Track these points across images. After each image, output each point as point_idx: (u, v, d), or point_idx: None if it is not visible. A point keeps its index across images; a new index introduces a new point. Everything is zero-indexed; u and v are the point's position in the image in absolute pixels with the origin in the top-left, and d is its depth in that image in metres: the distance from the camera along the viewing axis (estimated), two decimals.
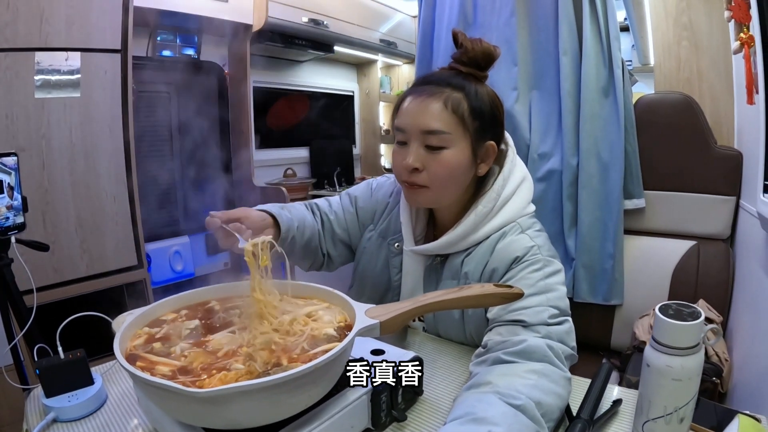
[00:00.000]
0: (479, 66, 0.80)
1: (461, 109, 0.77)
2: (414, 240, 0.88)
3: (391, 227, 0.92)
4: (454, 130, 0.77)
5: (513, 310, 0.71)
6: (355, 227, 0.97)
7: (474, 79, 0.80)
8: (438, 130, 0.76)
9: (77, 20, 1.43)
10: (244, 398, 0.46)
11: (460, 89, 0.78)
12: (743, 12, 1.02)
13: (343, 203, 0.98)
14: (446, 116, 0.76)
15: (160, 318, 0.66)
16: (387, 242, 0.92)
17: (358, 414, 0.59)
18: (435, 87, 0.78)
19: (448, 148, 0.77)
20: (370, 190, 0.99)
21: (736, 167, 1.30)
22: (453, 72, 0.81)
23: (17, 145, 1.32)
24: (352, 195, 0.99)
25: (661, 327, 0.58)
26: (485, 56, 0.79)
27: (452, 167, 0.78)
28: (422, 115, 0.77)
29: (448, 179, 0.79)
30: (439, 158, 0.77)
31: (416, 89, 0.80)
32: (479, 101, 0.78)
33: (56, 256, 1.41)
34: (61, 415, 0.66)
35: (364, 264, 0.95)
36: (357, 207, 0.97)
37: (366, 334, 0.56)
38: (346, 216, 0.96)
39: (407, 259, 0.90)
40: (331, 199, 1.00)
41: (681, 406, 0.58)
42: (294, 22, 2.21)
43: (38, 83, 1.38)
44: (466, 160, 0.78)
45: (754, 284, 1.15)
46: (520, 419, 0.55)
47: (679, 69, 1.50)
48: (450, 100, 0.77)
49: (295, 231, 0.84)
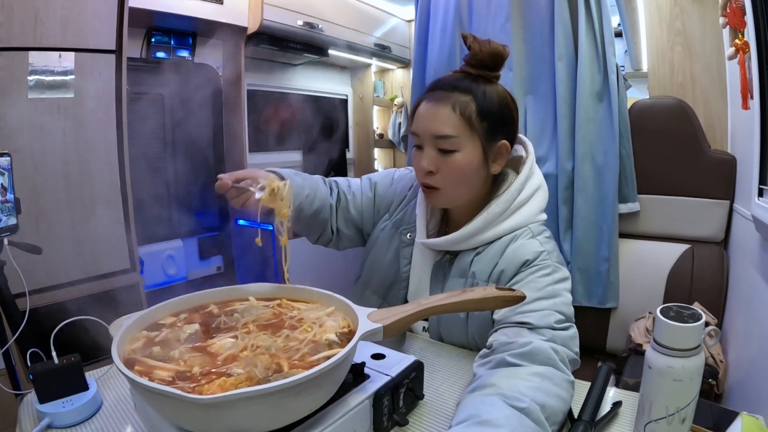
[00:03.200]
0: (488, 67, 0.81)
1: (468, 111, 0.78)
2: (427, 234, 0.90)
3: (405, 218, 0.95)
4: (463, 133, 0.78)
5: (520, 312, 0.71)
6: (370, 212, 0.99)
7: (484, 81, 0.81)
8: (447, 135, 0.78)
9: (72, 21, 1.41)
10: (247, 404, 0.45)
11: (468, 92, 0.79)
12: (738, 18, 1.03)
13: (363, 186, 1.00)
14: (455, 120, 0.78)
15: (158, 322, 0.65)
16: (399, 231, 0.94)
17: (360, 418, 0.58)
18: (444, 92, 0.80)
19: (459, 150, 0.79)
20: (392, 179, 1.01)
21: (730, 171, 1.32)
22: (462, 75, 0.82)
23: (9, 146, 1.30)
24: (373, 180, 1.01)
25: (662, 329, 0.58)
26: (493, 57, 0.80)
27: (463, 169, 0.80)
28: (432, 120, 0.79)
29: (460, 180, 0.81)
30: (450, 161, 0.80)
31: (428, 95, 0.82)
32: (487, 102, 0.79)
33: (48, 259, 1.37)
34: (55, 421, 0.65)
35: (374, 253, 0.98)
36: (376, 193, 0.99)
37: (369, 338, 0.55)
38: (363, 199, 0.99)
39: (417, 252, 0.92)
40: (351, 180, 1.02)
41: (682, 407, 0.58)
42: (289, 25, 2.20)
43: (31, 84, 1.36)
44: (477, 161, 0.80)
45: (748, 286, 1.16)
46: (524, 422, 0.55)
47: (672, 74, 1.52)
48: (458, 104, 0.78)
49: (303, 198, 0.86)
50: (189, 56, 2.11)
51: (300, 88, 2.85)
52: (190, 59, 2.12)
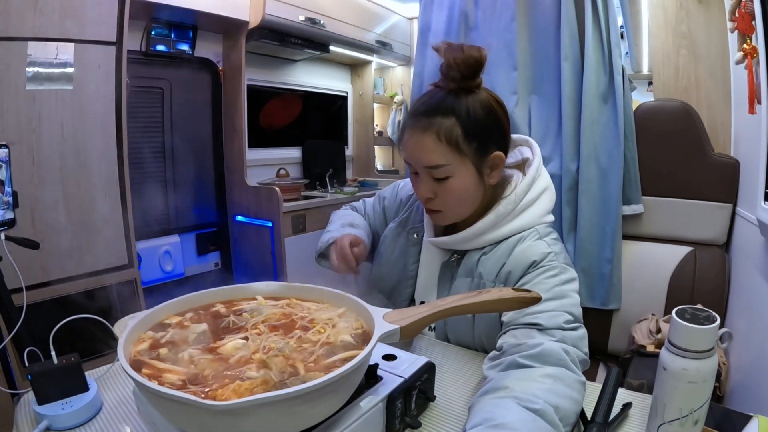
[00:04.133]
0: (467, 77, 0.76)
1: (455, 136, 0.76)
2: (434, 233, 0.90)
3: (411, 217, 0.96)
4: (452, 159, 0.77)
5: (529, 313, 0.71)
6: (382, 226, 1.05)
7: (466, 93, 0.77)
8: (437, 165, 0.77)
9: (71, 11, 1.39)
10: (263, 410, 0.44)
11: (451, 113, 0.76)
12: (746, 23, 1.03)
13: (374, 205, 1.09)
14: (442, 149, 0.76)
15: (163, 321, 0.63)
16: (406, 231, 0.95)
17: (373, 422, 0.57)
18: (426, 119, 0.77)
19: (452, 176, 0.78)
20: (396, 189, 1.05)
21: (733, 175, 1.32)
22: (442, 93, 0.78)
23: (7, 139, 1.27)
24: (381, 196, 1.08)
25: (677, 330, 0.58)
26: (469, 66, 0.75)
27: (460, 192, 0.80)
28: (420, 152, 0.78)
29: (459, 202, 0.82)
30: (446, 187, 0.79)
31: (411, 121, 0.80)
32: (472, 120, 0.76)
33: (45, 254, 1.36)
34: (54, 423, 0.63)
35: (381, 253, 0.99)
36: (384, 207, 1.06)
37: (386, 340, 0.54)
38: (375, 217, 1.07)
39: (425, 252, 0.92)
40: (367, 201, 1.12)
41: (696, 409, 0.58)
42: (290, 20, 2.19)
43: (30, 75, 1.33)
44: (472, 182, 0.80)
45: (750, 289, 1.16)
46: (539, 424, 0.55)
47: (677, 77, 1.52)
48: (442, 130, 0.76)
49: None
50: (189, 50, 2.09)
51: (300, 84, 2.84)
52: (190, 53, 2.10)
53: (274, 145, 2.74)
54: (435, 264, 0.90)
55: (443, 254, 0.90)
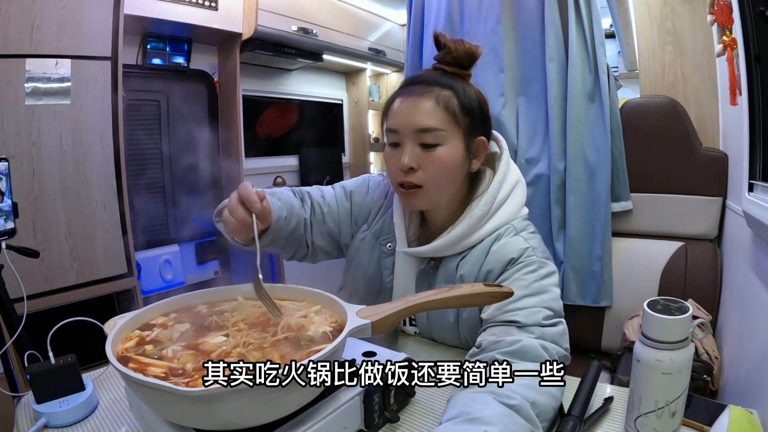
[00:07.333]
0: (463, 65, 0.82)
1: (452, 105, 0.78)
2: (407, 242, 0.88)
3: (384, 228, 0.91)
4: (447, 126, 0.77)
5: (508, 310, 0.71)
6: (347, 222, 0.94)
7: (460, 78, 0.82)
8: (432, 128, 0.77)
9: (68, 28, 1.43)
10: (236, 397, 0.46)
11: (449, 87, 0.79)
12: (725, 15, 1.04)
13: (338, 196, 0.95)
14: (439, 113, 0.77)
15: (150, 322, 0.66)
16: (379, 242, 0.91)
17: (350, 415, 0.59)
18: (424, 86, 0.79)
19: (442, 145, 0.77)
20: (367, 187, 0.97)
21: (722, 168, 1.32)
22: (439, 72, 0.82)
23: (7, 152, 1.31)
24: (348, 189, 0.96)
25: (649, 322, 0.58)
26: (468, 55, 0.82)
27: (447, 164, 0.78)
28: (415, 114, 0.77)
29: (444, 177, 0.79)
30: (433, 156, 0.77)
31: (405, 90, 0.81)
32: (468, 98, 0.80)
33: (46, 263, 1.39)
34: (52, 420, 0.66)
35: (356, 265, 0.94)
36: (352, 202, 0.95)
37: (357, 334, 0.56)
38: (340, 210, 0.93)
39: (399, 261, 0.89)
40: (324, 190, 0.96)
41: (672, 400, 0.58)
42: (283, 30, 2.22)
43: (28, 90, 1.37)
44: (460, 157, 0.79)
45: (741, 283, 1.16)
46: (515, 419, 0.55)
47: (663, 73, 1.53)
48: (441, 97, 0.78)
49: (282, 221, 0.81)
50: (184, 62, 2.13)
51: (295, 93, 2.86)
52: (186, 65, 2.14)
53: (271, 154, 2.76)
54: (411, 273, 0.88)
55: (418, 262, 0.88)
